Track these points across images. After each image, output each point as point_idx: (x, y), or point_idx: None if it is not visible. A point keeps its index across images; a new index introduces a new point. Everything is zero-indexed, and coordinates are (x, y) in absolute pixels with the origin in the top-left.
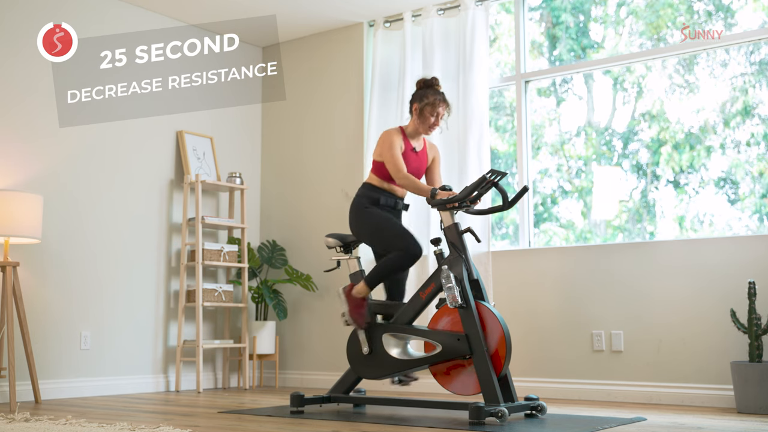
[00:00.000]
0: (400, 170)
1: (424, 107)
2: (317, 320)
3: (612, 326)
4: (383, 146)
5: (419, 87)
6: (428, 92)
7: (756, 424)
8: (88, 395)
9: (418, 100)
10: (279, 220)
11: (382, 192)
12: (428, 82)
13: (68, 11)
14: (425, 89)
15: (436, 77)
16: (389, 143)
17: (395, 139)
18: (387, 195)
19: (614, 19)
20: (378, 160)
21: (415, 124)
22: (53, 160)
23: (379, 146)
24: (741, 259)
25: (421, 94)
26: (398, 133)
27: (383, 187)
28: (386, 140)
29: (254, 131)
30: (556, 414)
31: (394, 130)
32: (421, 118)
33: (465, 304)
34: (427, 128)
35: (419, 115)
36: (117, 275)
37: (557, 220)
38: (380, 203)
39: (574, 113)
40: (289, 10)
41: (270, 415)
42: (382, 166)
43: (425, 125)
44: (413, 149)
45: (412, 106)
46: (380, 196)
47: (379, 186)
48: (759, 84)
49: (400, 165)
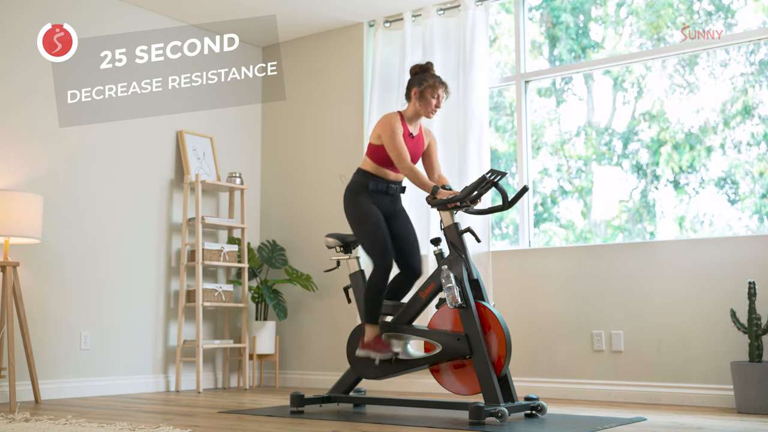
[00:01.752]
0: (404, 159)
1: (425, 90)
2: (317, 320)
3: (612, 326)
4: (384, 131)
5: (415, 72)
6: (426, 75)
7: (756, 424)
8: (88, 395)
9: (417, 84)
10: (279, 220)
11: (372, 177)
12: (423, 67)
13: (68, 11)
14: (422, 73)
15: (431, 62)
16: (391, 130)
17: (396, 125)
18: (378, 180)
19: (614, 19)
20: (375, 144)
21: (416, 108)
22: (53, 160)
23: (378, 130)
24: (741, 259)
25: (420, 78)
26: (397, 118)
27: (376, 173)
28: (387, 125)
29: (254, 131)
30: (556, 414)
31: (393, 114)
32: (422, 102)
33: (465, 304)
34: (429, 111)
35: (420, 98)
36: (117, 275)
37: (557, 220)
38: (369, 189)
39: (574, 113)
40: (289, 10)
41: (270, 415)
42: (379, 150)
43: (427, 108)
44: (410, 134)
45: (410, 92)
46: (369, 182)
47: (372, 171)
48: (759, 84)
49: (405, 154)
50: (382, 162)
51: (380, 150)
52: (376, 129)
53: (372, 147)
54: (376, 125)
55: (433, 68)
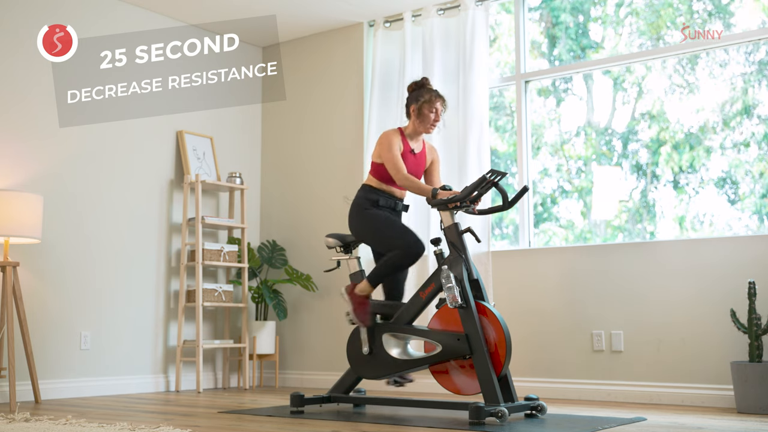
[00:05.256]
0: (400, 170)
1: (422, 105)
2: (317, 320)
3: (612, 326)
4: (382, 147)
5: (412, 90)
6: (422, 91)
7: (756, 424)
8: (88, 395)
9: (415, 100)
10: (279, 220)
11: (381, 193)
12: (419, 83)
13: (68, 11)
14: (418, 89)
15: (426, 77)
16: (388, 144)
17: (394, 139)
18: (386, 196)
19: (614, 19)
20: (377, 162)
21: (415, 125)
22: (53, 160)
23: (378, 147)
24: (741, 259)
25: (416, 95)
26: (397, 134)
27: (382, 189)
28: (385, 141)
29: (254, 131)
30: (556, 414)
31: (393, 131)
32: (420, 118)
33: (465, 304)
34: (428, 126)
35: (418, 115)
36: (117, 275)
37: (557, 220)
38: (380, 204)
39: (574, 113)
40: (289, 10)
41: (270, 415)
42: (380, 168)
43: (426, 124)
44: (411, 151)
45: (409, 109)
46: (379, 198)
47: (378, 187)
48: (759, 84)
49: (400, 165)
50: (386, 179)
51: (382, 168)
52: (376, 147)
53: (375, 165)
54: (377, 143)
55: (429, 83)
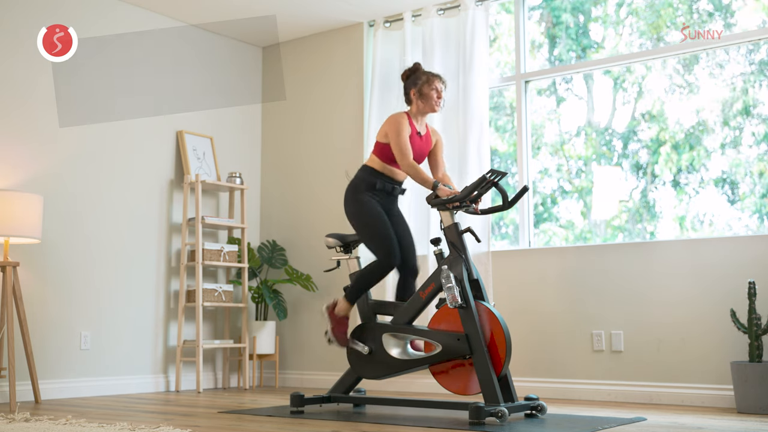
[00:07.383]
0: (406, 156)
1: (422, 86)
2: (317, 320)
3: (612, 326)
4: (390, 129)
5: (407, 76)
6: (418, 74)
7: (756, 424)
8: (88, 395)
9: (413, 84)
10: (279, 220)
11: (380, 176)
12: (412, 69)
13: (68, 11)
14: (413, 74)
15: (418, 62)
16: (397, 127)
17: (403, 123)
18: (385, 179)
19: (614, 19)
20: (382, 142)
21: (419, 107)
22: (53, 160)
23: (386, 127)
24: (741, 259)
25: (413, 79)
26: (405, 118)
27: (383, 171)
28: (394, 124)
29: (254, 131)
30: (556, 414)
31: (401, 114)
32: (423, 98)
33: (465, 304)
34: (433, 105)
35: (420, 96)
36: (117, 275)
37: (557, 220)
38: (376, 188)
39: (574, 113)
40: (289, 10)
41: (270, 415)
42: (385, 148)
43: (430, 103)
44: (418, 133)
45: (409, 94)
46: (377, 181)
47: (380, 170)
48: (759, 84)
49: (407, 151)
50: (389, 160)
51: (387, 148)
52: (384, 127)
53: (379, 145)
54: (384, 123)
55: (421, 67)
